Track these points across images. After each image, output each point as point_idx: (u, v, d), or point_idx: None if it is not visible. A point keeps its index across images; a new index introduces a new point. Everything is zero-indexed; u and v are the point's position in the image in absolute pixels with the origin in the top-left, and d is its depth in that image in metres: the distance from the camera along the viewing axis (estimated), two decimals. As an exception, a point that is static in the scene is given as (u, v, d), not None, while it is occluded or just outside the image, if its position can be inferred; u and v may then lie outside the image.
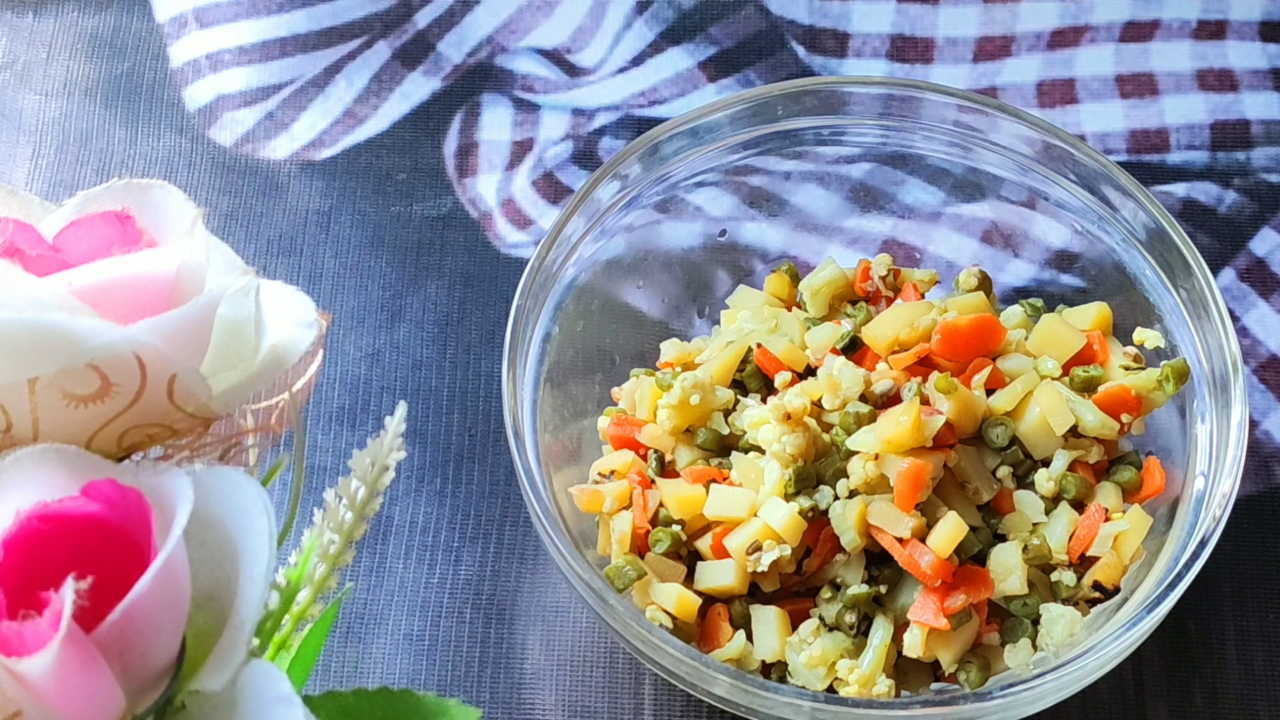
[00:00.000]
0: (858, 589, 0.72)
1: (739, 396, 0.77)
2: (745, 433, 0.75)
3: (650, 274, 0.83)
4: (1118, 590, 0.73)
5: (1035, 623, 0.73)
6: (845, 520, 0.72)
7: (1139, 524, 0.73)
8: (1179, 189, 0.90)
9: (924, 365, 0.75)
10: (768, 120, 0.80)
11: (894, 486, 0.71)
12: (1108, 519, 0.74)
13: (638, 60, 0.95)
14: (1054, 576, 0.74)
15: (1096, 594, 0.74)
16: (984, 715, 0.69)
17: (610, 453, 0.78)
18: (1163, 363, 0.76)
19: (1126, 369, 0.77)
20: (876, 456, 0.72)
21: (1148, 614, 0.68)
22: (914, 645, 0.72)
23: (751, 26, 0.95)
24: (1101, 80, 0.94)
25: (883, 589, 0.73)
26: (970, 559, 0.73)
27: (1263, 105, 0.93)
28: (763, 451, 0.74)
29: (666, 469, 0.76)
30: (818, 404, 0.74)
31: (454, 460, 0.84)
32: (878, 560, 0.73)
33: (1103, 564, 0.73)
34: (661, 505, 0.74)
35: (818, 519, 0.72)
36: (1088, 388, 0.75)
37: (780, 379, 0.76)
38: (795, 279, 0.81)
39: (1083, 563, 0.74)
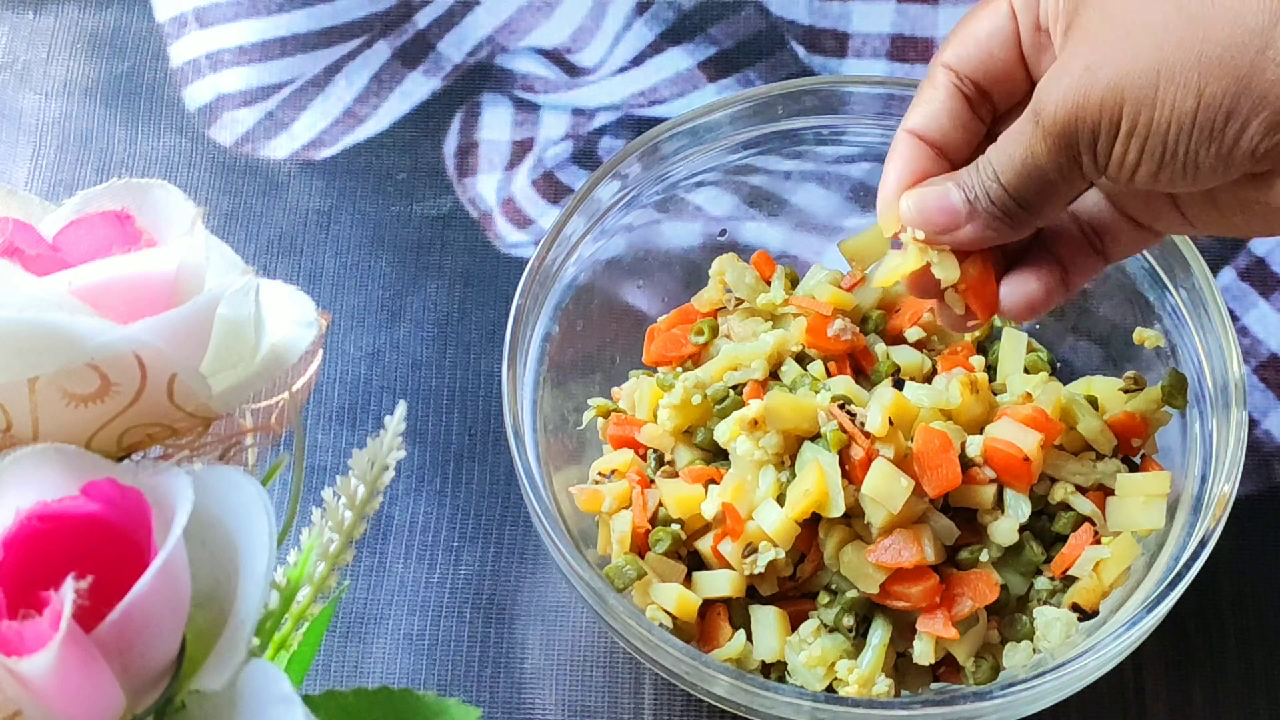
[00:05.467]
0: (854, 593, 0.72)
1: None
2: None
3: (650, 274, 0.83)
4: (1096, 613, 0.73)
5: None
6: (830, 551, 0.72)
7: (1123, 553, 0.73)
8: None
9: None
10: (768, 120, 0.80)
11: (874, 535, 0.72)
12: (1096, 540, 0.74)
13: (638, 60, 0.95)
14: (1036, 584, 0.74)
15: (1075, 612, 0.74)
16: (984, 715, 0.68)
17: (610, 453, 0.78)
18: (1160, 383, 0.76)
19: (1126, 391, 0.76)
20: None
21: (1148, 614, 0.68)
22: (924, 654, 0.72)
23: (751, 26, 0.95)
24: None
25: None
26: (967, 565, 0.73)
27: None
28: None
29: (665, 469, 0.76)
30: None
31: (454, 460, 0.84)
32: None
33: (1081, 586, 0.73)
34: (661, 505, 0.74)
35: (810, 525, 0.72)
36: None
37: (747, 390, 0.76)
38: (795, 281, 0.81)
39: (1066, 581, 0.74)
